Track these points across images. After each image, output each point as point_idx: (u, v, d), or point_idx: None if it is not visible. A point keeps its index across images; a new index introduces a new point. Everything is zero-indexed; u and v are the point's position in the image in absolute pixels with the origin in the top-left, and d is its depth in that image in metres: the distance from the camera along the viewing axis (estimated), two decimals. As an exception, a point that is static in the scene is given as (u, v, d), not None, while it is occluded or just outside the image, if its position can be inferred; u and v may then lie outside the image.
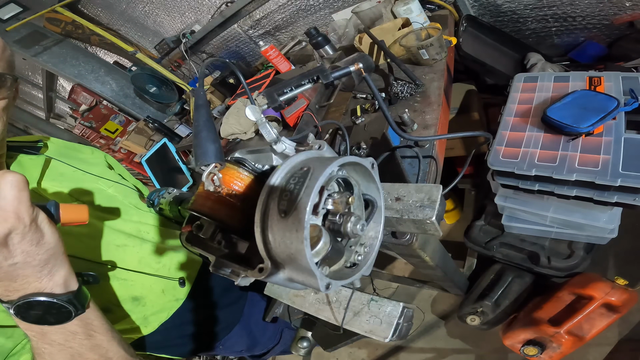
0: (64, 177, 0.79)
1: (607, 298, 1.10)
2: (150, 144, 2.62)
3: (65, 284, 0.50)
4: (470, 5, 1.57)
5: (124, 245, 0.80)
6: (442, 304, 1.81)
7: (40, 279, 0.46)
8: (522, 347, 1.21)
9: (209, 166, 0.52)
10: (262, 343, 1.12)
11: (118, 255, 0.78)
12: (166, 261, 0.87)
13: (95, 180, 0.84)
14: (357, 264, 0.52)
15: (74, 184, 0.79)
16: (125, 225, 0.83)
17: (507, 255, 1.34)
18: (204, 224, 0.60)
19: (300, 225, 0.37)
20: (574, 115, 0.91)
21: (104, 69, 3.02)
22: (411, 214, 0.57)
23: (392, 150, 0.89)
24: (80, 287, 0.52)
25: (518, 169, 0.93)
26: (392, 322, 0.62)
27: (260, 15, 2.20)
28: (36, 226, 0.44)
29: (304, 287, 0.47)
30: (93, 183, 0.83)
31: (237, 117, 1.55)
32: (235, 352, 1.08)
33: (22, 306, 0.46)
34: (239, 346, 1.05)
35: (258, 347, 1.12)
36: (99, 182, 0.85)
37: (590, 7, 1.38)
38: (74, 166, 0.82)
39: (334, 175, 0.46)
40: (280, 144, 0.55)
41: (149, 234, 0.87)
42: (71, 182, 0.79)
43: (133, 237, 0.83)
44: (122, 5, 2.61)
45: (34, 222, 0.43)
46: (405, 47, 1.23)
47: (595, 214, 1.02)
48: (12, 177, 0.41)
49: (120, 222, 0.82)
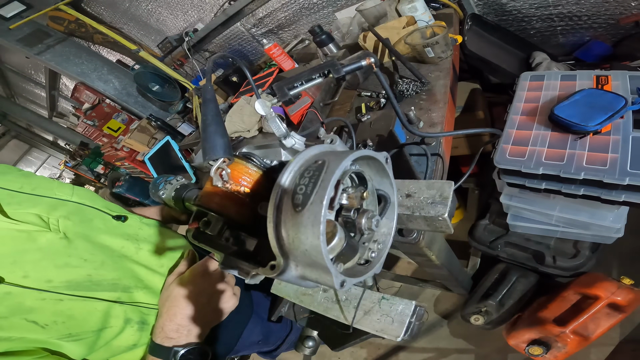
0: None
1: (612, 298, 1.09)
2: (153, 142, 2.62)
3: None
4: (475, 3, 1.57)
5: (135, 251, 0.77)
6: (445, 304, 1.80)
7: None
8: (527, 346, 1.20)
9: (217, 161, 0.51)
10: (276, 332, 1.10)
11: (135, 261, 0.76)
12: (168, 263, 0.84)
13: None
14: (370, 261, 0.51)
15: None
16: (119, 233, 0.77)
17: (511, 255, 1.34)
18: (212, 220, 0.59)
19: (317, 219, 0.37)
20: (581, 114, 0.90)
21: (107, 67, 3.02)
22: (422, 211, 0.57)
23: (399, 148, 0.88)
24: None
25: (525, 168, 0.92)
26: (404, 321, 0.61)
27: (263, 13, 2.20)
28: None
29: (316, 285, 0.47)
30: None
31: (241, 115, 1.55)
32: (253, 345, 1.05)
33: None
34: (256, 336, 1.03)
35: (272, 336, 1.10)
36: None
37: (595, 7, 1.38)
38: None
39: (348, 169, 0.45)
40: (290, 139, 0.55)
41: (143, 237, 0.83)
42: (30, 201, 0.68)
43: (130, 241, 0.78)
44: (125, 4, 2.61)
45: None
46: (411, 45, 1.22)
47: (601, 213, 1.02)
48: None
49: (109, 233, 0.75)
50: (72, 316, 0.61)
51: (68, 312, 0.61)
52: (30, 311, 0.57)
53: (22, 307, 0.57)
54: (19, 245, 0.61)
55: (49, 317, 0.59)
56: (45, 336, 0.58)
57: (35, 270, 0.60)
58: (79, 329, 0.62)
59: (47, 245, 0.63)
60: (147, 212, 0.97)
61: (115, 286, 0.69)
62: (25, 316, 0.57)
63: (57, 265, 0.62)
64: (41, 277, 0.60)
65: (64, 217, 0.68)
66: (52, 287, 0.60)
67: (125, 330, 0.69)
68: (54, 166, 11.25)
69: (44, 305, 0.59)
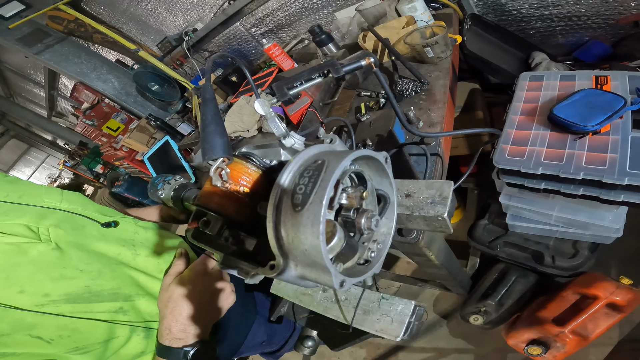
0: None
1: (611, 298, 1.09)
2: (152, 142, 2.62)
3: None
4: (474, 3, 1.57)
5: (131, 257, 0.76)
6: (445, 303, 1.80)
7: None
8: (526, 346, 1.20)
9: (217, 160, 0.51)
10: (279, 333, 1.10)
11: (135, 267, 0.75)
12: (165, 267, 0.82)
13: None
14: (369, 261, 0.51)
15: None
16: (113, 239, 0.75)
17: (511, 255, 1.34)
18: (211, 220, 0.59)
19: (316, 219, 0.37)
20: (580, 114, 0.90)
21: (106, 67, 3.02)
22: (422, 211, 0.57)
23: (399, 148, 0.88)
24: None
25: (524, 168, 0.92)
26: (404, 321, 0.61)
27: (262, 13, 2.20)
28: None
29: (315, 284, 0.47)
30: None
31: (240, 115, 1.55)
32: (257, 346, 1.04)
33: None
34: (260, 337, 1.03)
35: (276, 337, 1.10)
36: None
37: (595, 7, 1.38)
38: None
39: (347, 169, 0.45)
40: (290, 139, 0.55)
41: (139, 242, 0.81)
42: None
43: (126, 247, 0.76)
44: (124, 3, 2.61)
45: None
46: (410, 45, 1.23)
47: (600, 214, 1.02)
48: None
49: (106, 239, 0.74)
50: (76, 329, 0.60)
51: (71, 325, 0.60)
52: (32, 327, 0.56)
53: (24, 323, 0.55)
54: (9, 259, 0.58)
55: (54, 332, 0.58)
56: (52, 351, 0.57)
57: (31, 284, 0.57)
58: (85, 341, 0.61)
59: (40, 258, 0.60)
60: (146, 211, 0.97)
61: (115, 296, 0.67)
62: (28, 332, 0.55)
63: (53, 277, 0.60)
64: (38, 292, 0.57)
65: (55, 226, 0.65)
66: (51, 301, 0.58)
67: (131, 339, 0.69)
68: (53, 166, 11.23)
69: (46, 320, 0.57)
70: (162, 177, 0.89)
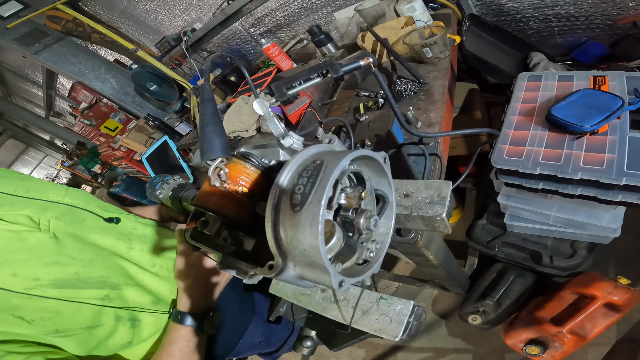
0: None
1: (609, 297, 1.10)
2: (151, 141, 2.61)
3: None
4: (473, 4, 1.57)
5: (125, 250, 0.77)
6: (443, 303, 1.80)
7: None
8: (525, 346, 1.20)
9: (215, 160, 0.51)
10: (277, 333, 1.11)
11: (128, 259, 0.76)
12: (161, 262, 0.83)
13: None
14: (368, 261, 0.51)
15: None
16: (111, 232, 0.77)
17: (509, 255, 1.34)
18: (209, 220, 0.59)
19: (315, 219, 0.36)
20: (578, 114, 0.91)
21: (105, 66, 3.01)
22: (420, 211, 0.57)
23: (398, 148, 0.88)
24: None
25: (522, 168, 0.93)
26: (403, 321, 0.61)
27: (261, 13, 2.20)
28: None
29: (314, 284, 0.47)
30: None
31: (239, 115, 1.54)
32: (255, 346, 1.05)
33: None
34: (258, 338, 1.03)
35: (274, 337, 1.10)
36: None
37: (593, 7, 1.39)
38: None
39: (346, 169, 0.45)
40: (288, 139, 0.55)
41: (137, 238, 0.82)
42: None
43: (122, 241, 0.77)
44: (123, 3, 2.60)
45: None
46: (409, 45, 1.23)
47: (598, 214, 1.03)
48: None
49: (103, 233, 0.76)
50: (59, 312, 0.61)
51: (55, 308, 0.61)
52: (17, 308, 0.58)
53: (9, 304, 0.57)
54: (8, 244, 0.61)
55: (36, 314, 0.59)
56: (31, 331, 0.58)
57: (24, 268, 0.60)
58: (66, 325, 0.62)
59: (36, 245, 0.64)
60: (145, 211, 0.97)
61: (103, 283, 0.68)
62: (11, 312, 0.57)
63: (45, 263, 0.62)
64: (29, 276, 0.60)
65: (55, 218, 0.69)
66: (39, 285, 0.60)
67: (118, 328, 0.69)
68: (51, 166, 11.18)
69: (31, 302, 0.59)
70: (161, 177, 0.88)
